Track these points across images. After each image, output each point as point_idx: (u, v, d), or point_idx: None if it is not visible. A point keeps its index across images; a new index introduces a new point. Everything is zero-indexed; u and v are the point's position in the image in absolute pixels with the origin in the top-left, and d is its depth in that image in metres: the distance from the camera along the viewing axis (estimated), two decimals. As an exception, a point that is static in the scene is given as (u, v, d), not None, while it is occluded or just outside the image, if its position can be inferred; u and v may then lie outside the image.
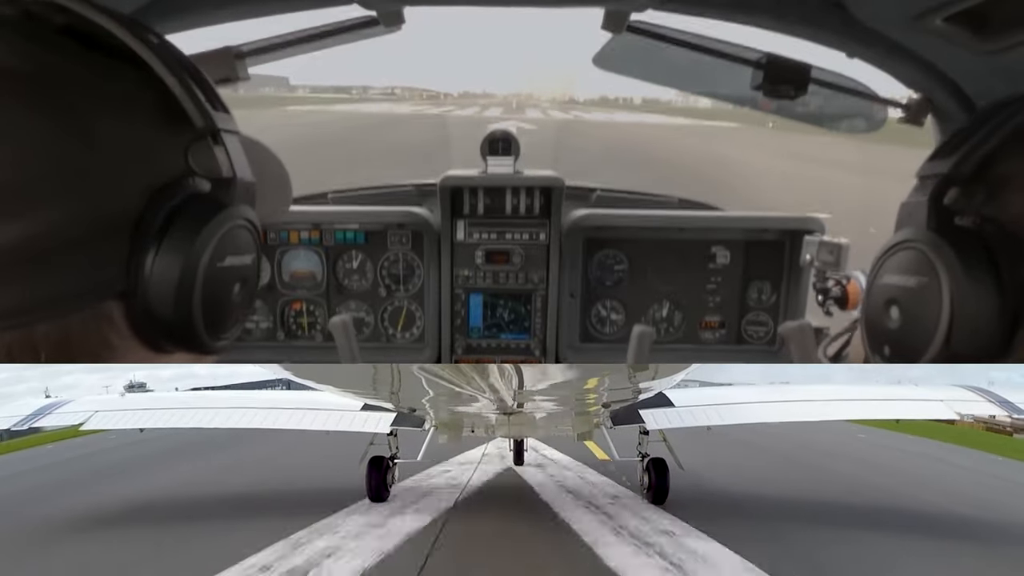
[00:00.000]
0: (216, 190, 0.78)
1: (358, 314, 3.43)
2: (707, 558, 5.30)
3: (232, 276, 0.81)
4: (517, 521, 6.71)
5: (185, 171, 0.75)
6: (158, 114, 0.74)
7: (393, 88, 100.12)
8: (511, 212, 3.23)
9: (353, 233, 3.34)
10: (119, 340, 0.73)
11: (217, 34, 1.92)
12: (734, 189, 14.70)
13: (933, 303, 0.82)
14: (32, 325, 0.66)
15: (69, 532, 6.65)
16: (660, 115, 55.45)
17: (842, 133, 2.23)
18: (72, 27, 0.71)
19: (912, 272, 0.86)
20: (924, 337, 0.84)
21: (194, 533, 6.35)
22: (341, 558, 5.34)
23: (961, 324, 0.79)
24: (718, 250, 3.35)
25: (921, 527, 6.59)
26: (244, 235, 0.82)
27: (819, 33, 1.82)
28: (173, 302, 0.73)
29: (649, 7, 1.79)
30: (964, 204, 0.83)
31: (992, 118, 0.86)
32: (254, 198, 0.86)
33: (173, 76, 0.74)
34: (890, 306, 0.90)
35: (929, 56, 1.75)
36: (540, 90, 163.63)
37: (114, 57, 0.72)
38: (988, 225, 0.80)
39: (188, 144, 0.75)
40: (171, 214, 0.72)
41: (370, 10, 1.88)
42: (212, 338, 0.80)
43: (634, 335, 2.70)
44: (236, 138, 0.83)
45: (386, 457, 7.69)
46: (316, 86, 63.45)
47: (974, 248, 0.79)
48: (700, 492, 8.12)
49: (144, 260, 0.70)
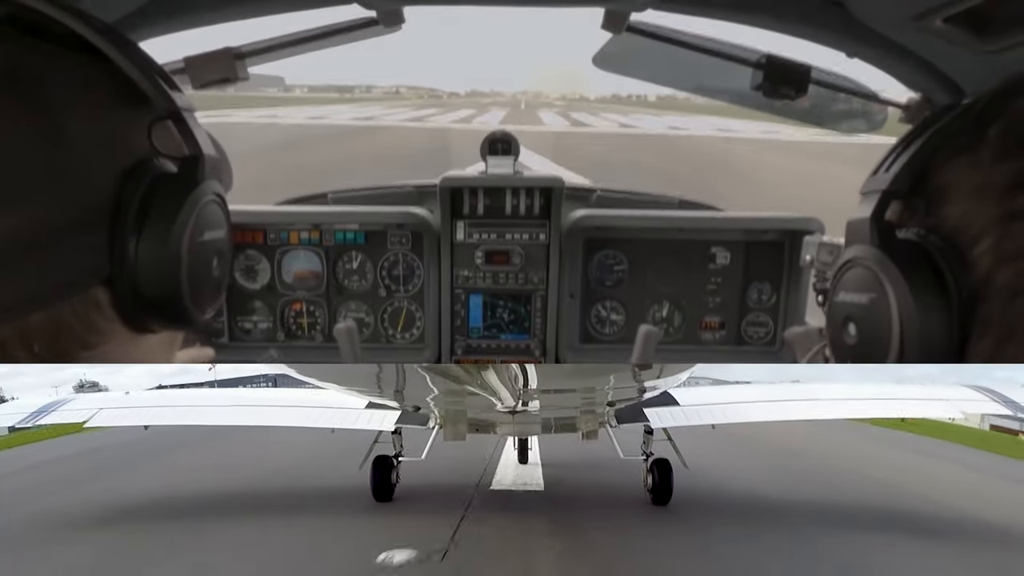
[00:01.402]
0: (185, 168, 0.80)
1: (358, 315, 3.44)
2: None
3: (210, 250, 0.84)
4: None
5: (152, 152, 0.77)
6: (117, 99, 0.75)
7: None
8: (511, 212, 3.23)
9: (353, 233, 3.34)
10: (106, 324, 0.74)
11: (217, 35, 1.92)
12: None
13: (884, 318, 0.84)
14: (21, 320, 0.66)
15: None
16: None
17: (842, 133, 2.23)
18: (17, 17, 0.72)
19: (862, 289, 0.88)
20: (880, 351, 0.86)
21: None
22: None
23: (912, 337, 0.81)
24: (718, 251, 3.34)
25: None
26: (216, 209, 0.85)
27: (819, 33, 1.81)
28: (161, 282, 0.75)
29: (649, 7, 1.79)
30: (905, 218, 0.86)
31: (924, 131, 0.88)
32: (220, 173, 0.89)
33: (125, 59, 0.75)
34: (847, 323, 0.92)
35: (929, 56, 1.74)
36: (539, 90, 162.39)
37: (65, 46, 0.73)
38: (930, 237, 0.82)
39: (150, 126, 0.77)
40: (146, 196, 0.73)
41: (370, 10, 1.88)
42: (199, 312, 0.82)
43: (640, 334, 2.70)
44: (195, 116, 0.85)
45: (390, 456, 7.69)
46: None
47: (918, 261, 0.81)
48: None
49: (127, 244, 0.72)
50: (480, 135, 3.39)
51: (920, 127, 0.90)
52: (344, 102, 64.04)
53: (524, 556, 5.65)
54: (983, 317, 0.76)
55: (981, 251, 0.76)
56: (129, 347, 0.79)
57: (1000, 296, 0.75)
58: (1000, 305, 0.75)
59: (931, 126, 0.88)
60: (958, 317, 0.78)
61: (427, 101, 79.77)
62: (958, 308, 0.78)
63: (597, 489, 8.41)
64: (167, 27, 1.76)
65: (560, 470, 9.66)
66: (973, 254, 0.77)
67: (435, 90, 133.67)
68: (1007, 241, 0.74)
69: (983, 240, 0.76)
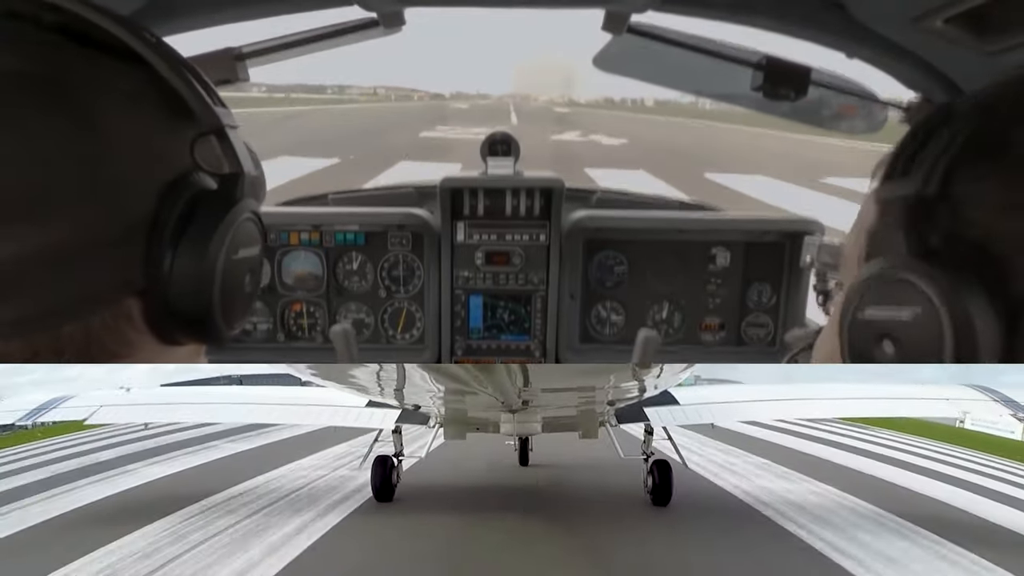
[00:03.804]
0: (225, 185, 0.79)
1: (358, 315, 3.44)
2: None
3: (244, 267, 0.83)
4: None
5: (193, 168, 0.76)
6: (163, 112, 0.74)
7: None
8: (511, 213, 3.22)
9: (353, 234, 3.34)
10: (136, 336, 0.74)
11: (217, 35, 1.92)
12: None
13: (933, 333, 0.79)
14: (56, 327, 0.67)
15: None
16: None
17: (842, 134, 2.23)
18: (67, 26, 0.71)
19: (902, 303, 0.82)
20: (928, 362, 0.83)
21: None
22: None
23: (963, 346, 0.77)
24: (718, 251, 3.34)
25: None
26: (252, 227, 0.84)
27: (819, 34, 1.81)
28: (194, 298, 0.74)
29: (649, 8, 1.79)
30: (937, 224, 0.81)
31: (938, 132, 0.83)
32: (258, 191, 0.88)
33: (173, 73, 0.75)
34: (883, 340, 0.86)
35: (929, 57, 1.74)
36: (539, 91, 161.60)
37: (113, 56, 0.72)
38: (966, 243, 0.78)
39: (194, 141, 0.76)
40: (186, 212, 0.73)
41: (370, 11, 1.88)
42: (228, 328, 0.82)
43: (639, 339, 2.70)
44: (238, 133, 0.84)
45: (391, 455, 7.70)
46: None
47: (962, 269, 0.77)
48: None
49: (163, 258, 0.71)
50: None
51: (933, 128, 0.86)
52: (317, 103, 64.09)
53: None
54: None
55: (1018, 249, 0.74)
56: (155, 357, 0.79)
57: None
58: None
59: (943, 127, 0.83)
60: (1005, 322, 0.75)
61: (401, 104, 78.87)
62: (1004, 311, 0.75)
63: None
64: (167, 28, 1.76)
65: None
66: (1010, 253, 0.74)
67: (415, 89, 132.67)
68: None
69: (1019, 238, 0.74)
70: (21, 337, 0.66)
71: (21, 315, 0.64)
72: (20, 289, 0.63)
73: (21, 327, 0.65)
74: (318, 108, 55.12)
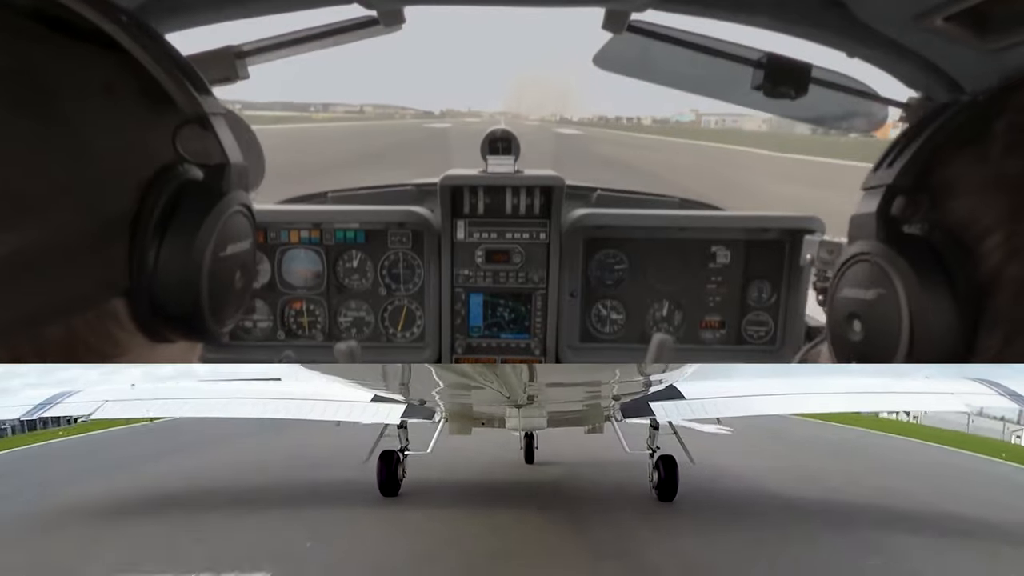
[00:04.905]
0: (211, 177, 0.76)
1: (358, 313, 3.45)
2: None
3: (234, 263, 0.80)
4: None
5: (177, 160, 0.73)
6: (142, 101, 0.71)
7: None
8: (511, 211, 3.22)
9: (353, 232, 3.34)
10: (124, 336, 0.72)
11: (217, 34, 1.92)
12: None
13: (892, 313, 0.83)
14: (39, 328, 0.64)
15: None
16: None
17: (842, 131, 2.21)
18: (38, 11, 0.67)
19: (868, 284, 0.87)
20: (886, 348, 0.85)
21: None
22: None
23: (921, 332, 0.80)
24: (718, 250, 3.33)
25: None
26: (242, 221, 0.81)
27: (819, 33, 1.80)
28: (181, 294, 0.72)
29: (649, 7, 1.78)
30: (911, 212, 0.84)
31: (927, 126, 0.87)
32: (247, 182, 0.85)
33: (149, 56, 0.71)
34: (852, 319, 0.91)
35: (930, 55, 1.73)
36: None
37: (87, 42, 0.69)
38: (937, 232, 0.81)
39: (176, 131, 0.73)
40: (170, 206, 0.70)
41: (370, 10, 1.88)
42: (218, 326, 0.79)
43: (653, 343, 2.70)
44: (223, 121, 0.80)
45: (396, 451, 7.72)
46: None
47: (925, 255, 0.80)
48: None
49: (147, 255, 0.69)
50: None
51: (923, 122, 0.89)
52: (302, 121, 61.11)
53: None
54: (991, 313, 0.76)
55: (990, 246, 0.75)
56: (147, 357, 0.77)
57: (1009, 292, 0.74)
58: (1009, 301, 0.74)
59: (934, 121, 0.86)
60: (966, 313, 0.77)
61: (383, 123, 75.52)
62: (966, 304, 0.77)
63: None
64: (166, 26, 1.75)
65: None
66: (981, 249, 0.76)
67: (404, 107, 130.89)
68: (1016, 237, 0.73)
69: (992, 235, 0.75)
70: (2, 339, 0.63)
71: (2, 317, 0.61)
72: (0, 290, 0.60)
73: (3, 329, 0.62)
74: (295, 127, 49.43)
